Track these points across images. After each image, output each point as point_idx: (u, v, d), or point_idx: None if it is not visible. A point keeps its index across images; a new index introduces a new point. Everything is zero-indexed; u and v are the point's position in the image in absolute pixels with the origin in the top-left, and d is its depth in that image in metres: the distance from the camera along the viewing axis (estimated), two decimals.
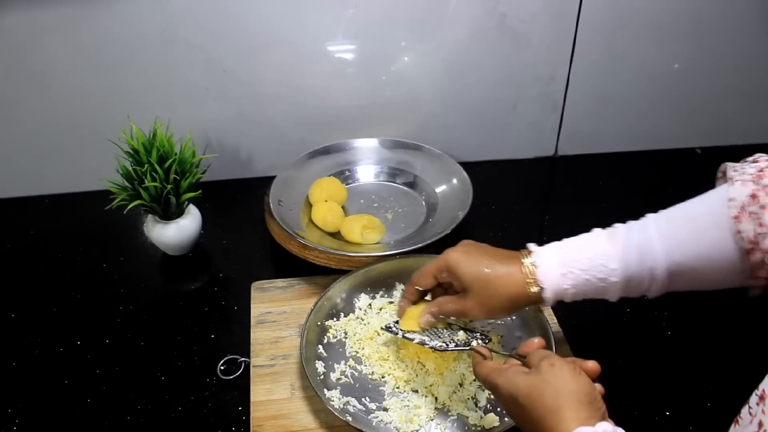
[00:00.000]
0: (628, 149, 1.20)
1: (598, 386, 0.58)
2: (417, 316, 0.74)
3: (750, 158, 0.64)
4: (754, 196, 0.59)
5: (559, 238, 0.70)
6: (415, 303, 0.76)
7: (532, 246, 0.69)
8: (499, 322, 0.84)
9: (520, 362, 0.62)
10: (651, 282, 0.65)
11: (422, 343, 0.73)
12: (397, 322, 0.77)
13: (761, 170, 0.61)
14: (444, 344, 0.72)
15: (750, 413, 0.49)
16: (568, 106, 1.14)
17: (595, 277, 0.65)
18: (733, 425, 0.52)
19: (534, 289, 0.67)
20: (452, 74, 1.08)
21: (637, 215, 0.86)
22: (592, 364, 0.59)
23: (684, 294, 0.90)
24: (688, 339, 0.84)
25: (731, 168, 0.63)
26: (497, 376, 0.59)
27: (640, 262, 0.64)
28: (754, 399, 0.49)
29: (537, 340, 0.64)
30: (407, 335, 0.74)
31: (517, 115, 1.13)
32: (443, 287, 0.75)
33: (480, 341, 0.72)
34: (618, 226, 0.68)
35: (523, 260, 0.68)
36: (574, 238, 0.68)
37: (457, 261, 0.69)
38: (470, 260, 0.69)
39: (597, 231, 0.68)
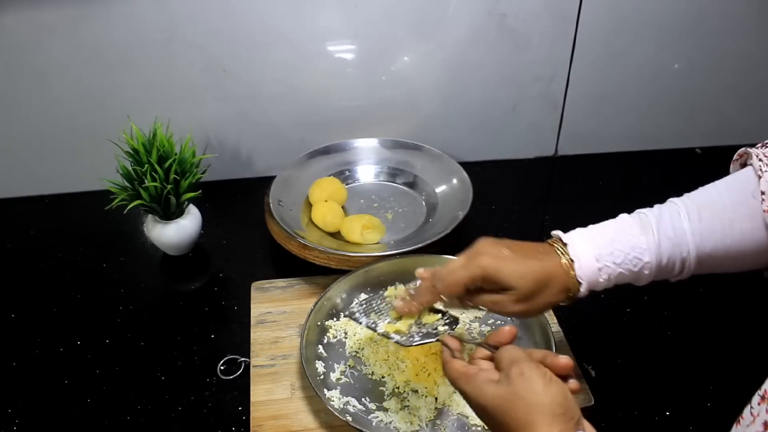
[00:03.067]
0: (628, 149, 1.20)
1: (572, 383, 0.55)
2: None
3: None
4: None
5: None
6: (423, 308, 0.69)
7: (564, 237, 0.66)
8: (499, 322, 0.84)
9: (489, 353, 0.59)
10: (680, 270, 0.65)
11: (386, 336, 0.68)
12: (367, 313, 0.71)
13: None
14: (409, 337, 0.67)
15: (752, 413, 0.49)
16: (568, 106, 1.14)
17: (629, 270, 0.64)
18: (735, 425, 0.52)
19: (574, 284, 0.64)
20: (452, 74, 1.08)
21: None
22: (564, 361, 0.55)
23: (684, 294, 0.90)
24: (688, 339, 0.84)
25: (756, 156, 0.62)
26: (465, 383, 0.56)
27: (672, 254, 0.63)
28: (756, 399, 0.49)
29: (508, 329, 0.60)
30: (371, 326, 0.69)
31: (517, 115, 1.13)
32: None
33: (447, 326, 0.67)
34: (646, 213, 0.66)
35: (558, 249, 0.65)
36: (604, 228, 0.65)
37: (496, 268, 0.63)
38: (509, 263, 0.63)
39: (626, 219, 0.66)
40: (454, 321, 0.68)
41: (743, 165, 0.65)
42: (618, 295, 0.90)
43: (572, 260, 0.64)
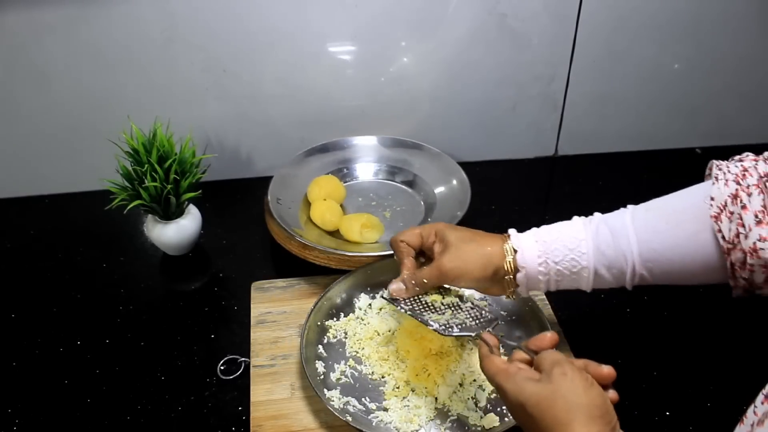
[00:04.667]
0: (628, 149, 1.20)
1: (612, 393, 0.55)
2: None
3: (737, 156, 0.64)
4: (735, 196, 0.60)
5: None
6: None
7: (513, 231, 0.71)
8: (499, 322, 0.84)
9: (527, 357, 0.60)
10: (625, 268, 0.66)
11: (425, 323, 0.69)
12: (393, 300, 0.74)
13: (745, 170, 0.61)
14: (447, 327, 0.68)
15: (755, 413, 0.49)
16: (568, 106, 1.14)
17: (568, 269, 0.67)
18: (738, 425, 0.52)
19: (511, 265, 0.68)
20: (452, 74, 1.08)
21: None
22: (608, 370, 0.56)
23: (684, 294, 0.90)
24: (688, 339, 0.84)
25: (716, 166, 0.64)
26: (505, 380, 0.56)
27: (613, 246, 0.65)
28: (760, 398, 0.49)
29: (549, 335, 0.60)
30: (410, 312, 0.71)
31: (517, 115, 1.13)
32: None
33: (485, 323, 0.69)
34: (595, 216, 0.69)
35: (505, 242, 0.70)
36: (552, 225, 0.70)
37: (444, 226, 0.72)
38: (457, 229, 0.72)
39: (575, 221, 0.70)
40: (492, 320, 0.70)
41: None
42: (618, 295, 0.90)
43: (515, 249, 0.68)
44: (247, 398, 0.76)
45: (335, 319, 0.84)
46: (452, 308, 0.72)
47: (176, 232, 0.93)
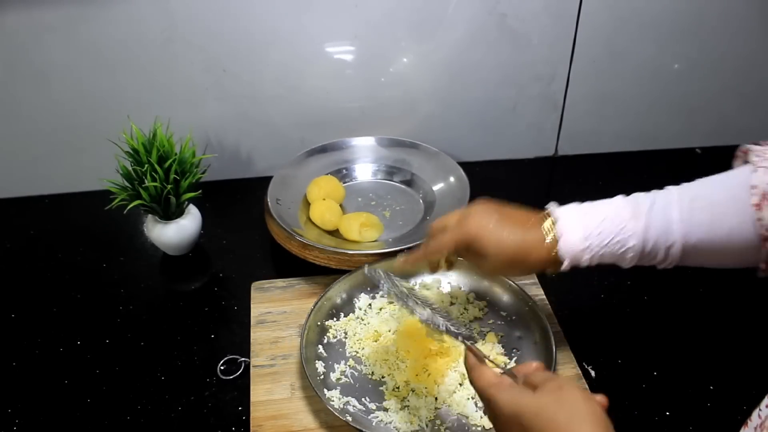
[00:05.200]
0: (628, 149, 1.20)
1: (600, 397, 0.53)
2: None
3: None
4: None
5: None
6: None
7: (556, 211, 0.69)
8: (499, 322, 0.84)
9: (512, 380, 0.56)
10: (664, 258, 0.66)
11: (410, 310, 0.66)
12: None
13: None
14: (435, 326, 0.64)
15: (759, 416, 0.49)
16: (568, 106, 1.14)
17: (613, 253, 0.66)
18: (743, 427, 0.52)
19: (555, 259, 0.67)
20: (452, 74, 1.08)
21: None
22: (601, 398, 0.53)
23: (684, 294, 0.90)
24: (688, 339, 0.84)
25: (755, 153, 0.63)
26: (498, 391, 0.54)
27: (657, 242, 0.64)
28: (766, 401, 0.49)
29: (536, 364, 0.57)
30: (396, 294, 0.68)
31: (517, 115, 1.13)
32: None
33: (466, 334, 0.63)
34: (640, 198, 0.67)
35: (545, 229, 0.68)
36: (597, 208, 0.68)
37: (478, 238, 0.68)
38: (493, 233, 0.67)
39: (619, 202, 0.67)
40: (471, 336, 0.64)
41: (745, 163, 0.65)
42: (618, 295, 0.90)
43: (557, 238, 0.66)
44: (247, 398, 0.76)
45: (335, 319, 0.84)
46: (437, 309, 0.67)
47: (176, 232, 0.93)
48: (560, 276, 0.92)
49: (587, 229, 0.66)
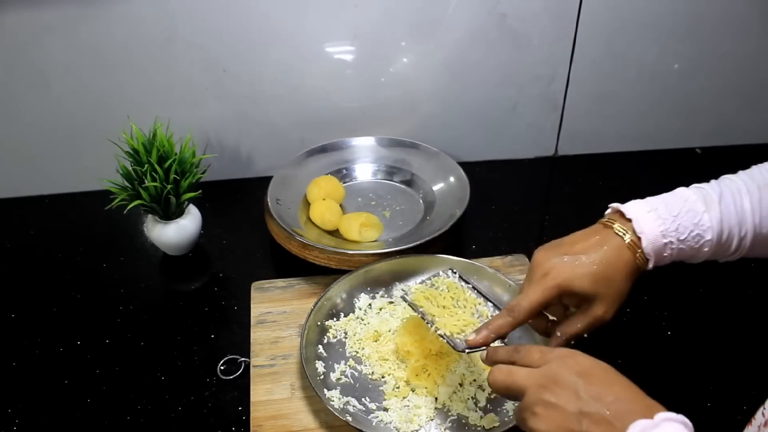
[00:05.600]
0: (628, 149, 1.20)
1: None
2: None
3: None
4: None
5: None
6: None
7: (627, 211, 0.64)
8: None
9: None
10: (735, 250, 0.64)
11: (442, 336, 0.67)
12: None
13: None
14: (460, 341, 0.66)
15: (763, 414, 0.49)
16: (568, 106, 1.14)
17: (691, 247, 0.63)
18: (747, 426, 0.52)
19: (642, 261, 0.63)
20: (452, 74, 1.08)
21: None
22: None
23: (684, 294, 0.90)
24: (688, 339, 0.84)
25: None
26: (562, 353, 0.55)
27: (731, 233, 0.63)
28: None
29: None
30: (439, 331, 0.69)
31: (517, 115, 1.13)
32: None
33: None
34: (707, 189, 0.64)
35: (621, 235, 0.63)
36: (667, 203, 0.64)
37: (568, 282, 0.62)
38: (579, 270, 0.62)
39: (689, 194, 0.64)
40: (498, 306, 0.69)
41: None
42: None
43: (639, 237, 0.62)
44: (247, 398, 0.76)
45: (335, 319, 0.84)
46: (465, 312, 0.72)
47: (176, 232, 0.93)
48: None
49: (665, 224, 0.62)
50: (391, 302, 0.86)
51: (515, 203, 1.09)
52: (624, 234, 0.63)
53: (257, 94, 1.04)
